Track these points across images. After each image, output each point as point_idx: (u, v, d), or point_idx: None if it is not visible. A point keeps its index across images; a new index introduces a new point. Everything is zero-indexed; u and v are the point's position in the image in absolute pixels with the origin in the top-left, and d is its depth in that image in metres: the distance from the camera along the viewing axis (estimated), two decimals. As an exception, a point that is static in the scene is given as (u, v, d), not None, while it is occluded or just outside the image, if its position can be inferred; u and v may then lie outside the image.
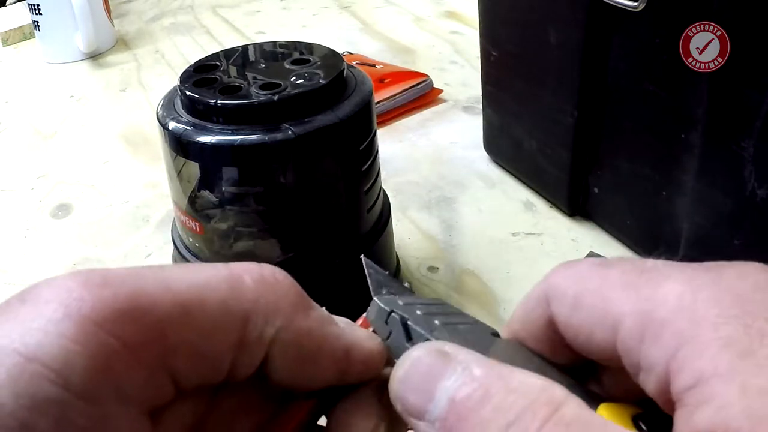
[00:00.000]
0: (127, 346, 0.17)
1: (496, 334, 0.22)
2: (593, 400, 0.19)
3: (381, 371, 0.21)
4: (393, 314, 0.21)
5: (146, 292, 0.18)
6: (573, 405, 0.16)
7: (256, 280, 0.20)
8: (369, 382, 0.21)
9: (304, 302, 0.20)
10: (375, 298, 0.21)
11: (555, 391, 0.16)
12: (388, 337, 0.21)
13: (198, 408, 0.20)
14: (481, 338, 0.21)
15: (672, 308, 0.17)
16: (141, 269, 0.19)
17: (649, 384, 0.17)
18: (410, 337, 0.20)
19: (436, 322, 0.20)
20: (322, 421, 0.22)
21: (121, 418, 0.17)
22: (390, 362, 0.21)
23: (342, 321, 0.22)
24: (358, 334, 0.21)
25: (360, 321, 0.23)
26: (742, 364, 0.15)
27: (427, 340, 0.19)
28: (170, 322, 0.18)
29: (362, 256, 0.24)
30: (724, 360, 0.15)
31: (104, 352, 0.17)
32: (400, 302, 0.21)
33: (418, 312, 0.21)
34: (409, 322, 0.20)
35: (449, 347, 0.18)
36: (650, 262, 0.19)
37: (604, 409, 0.18)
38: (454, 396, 0.17)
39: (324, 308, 0.21)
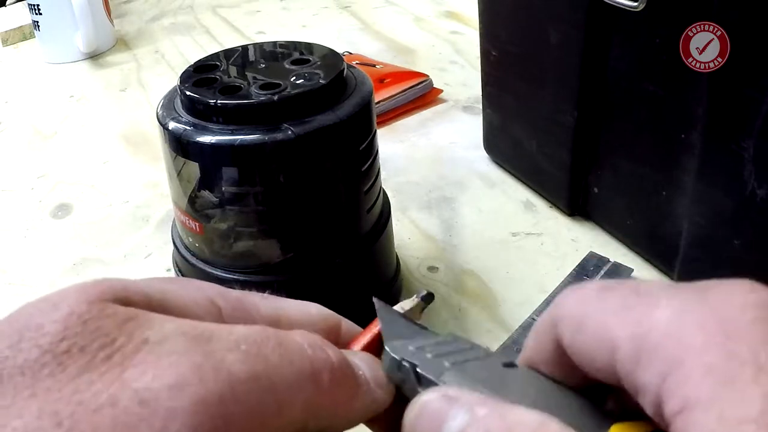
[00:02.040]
0: None
1: (509, 364, 0.22)
2: (605, 420, 0.19)
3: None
4: (404, 363, 0.21)
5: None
6: None
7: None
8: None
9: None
10: (386, 348, 0.22)
11: (551, 426, 0.17)
12: (403, 383, 0.21)
13: None
14: (492, 372, 0.21)
15: (662, 333, 0.17)
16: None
17: (647, 406, 0.18)
18: (421, 383, 0.21)
19: (446, 363, 0.21)
20: None
21: None
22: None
23: (362, 362, 0.22)
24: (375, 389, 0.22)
25: (368, 336, 0.24)
26: (722, 392, 0.16)
27: (437, 384, 0.20)
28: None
29: (374, 298, 0.24)
30: (706, 388, 0.16)
31: None
32: (411, 348, 0.22)
33: (429, 355, 0.21)
34: (418, 369, 0.21)
35: (454, 391, 0.19)
36: (646, 285, 0.19)
37: (616, 429, 0.19)
38: None
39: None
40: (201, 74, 0.41)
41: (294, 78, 0.40)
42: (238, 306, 0.21)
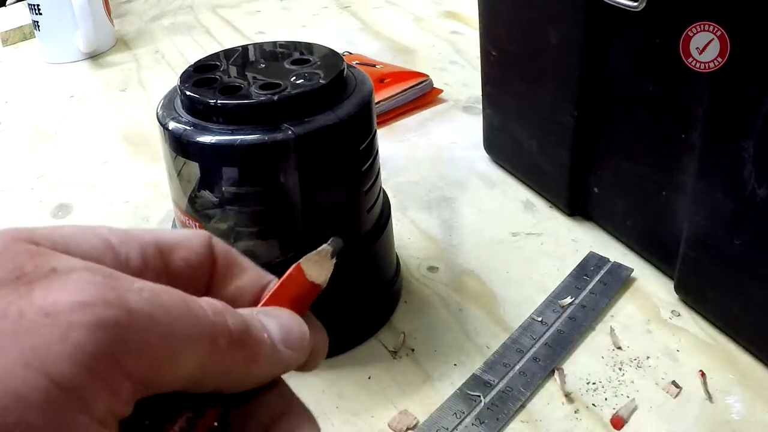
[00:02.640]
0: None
1: None
2: None
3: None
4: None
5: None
6: None
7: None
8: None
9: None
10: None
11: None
12: None
13: None
14: None
15: None
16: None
17: None
18: None
19: None
20: None
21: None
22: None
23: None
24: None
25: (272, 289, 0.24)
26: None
27: None
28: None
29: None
30: None
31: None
32: None
33: None
34: None
35: None
36: None
37: None
38: None
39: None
40: (201, 74, 0.41)
41: (294, 78, 0.40)
42: (124, 237, 0.22)
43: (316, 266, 0.24)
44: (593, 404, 0.40)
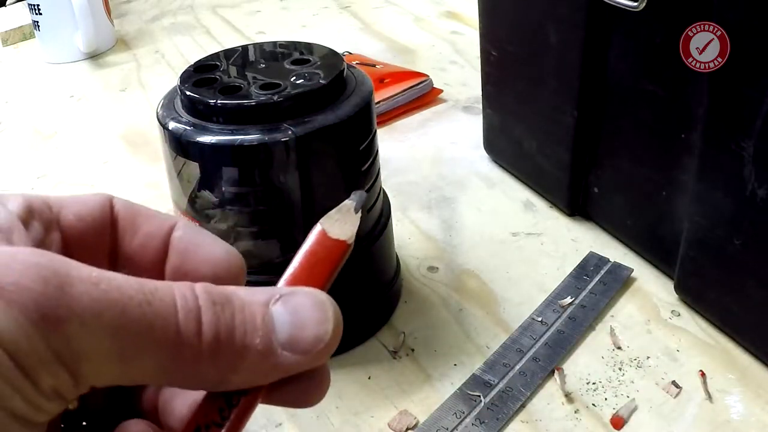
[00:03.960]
0: None
1: None
2: None
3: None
4: None
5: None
6: None
7: None
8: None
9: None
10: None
11: None
12: None
13: None
14: None
15: None
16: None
17: None
18: None
19: None
20: None
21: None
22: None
23: None
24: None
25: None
26: None
27: None
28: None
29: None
30: None
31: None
32: None
33: None
34: None
35: None
36: None
37: None
38: None
39: None
40: (201, 74, 0.41)
41: (294, 78, 0.40)
42: (9, 194, 0.21)
43: (339, 224, 0.22)
44: (593, 404, 0.40)
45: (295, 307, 0.20)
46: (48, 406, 0.17)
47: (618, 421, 0.39)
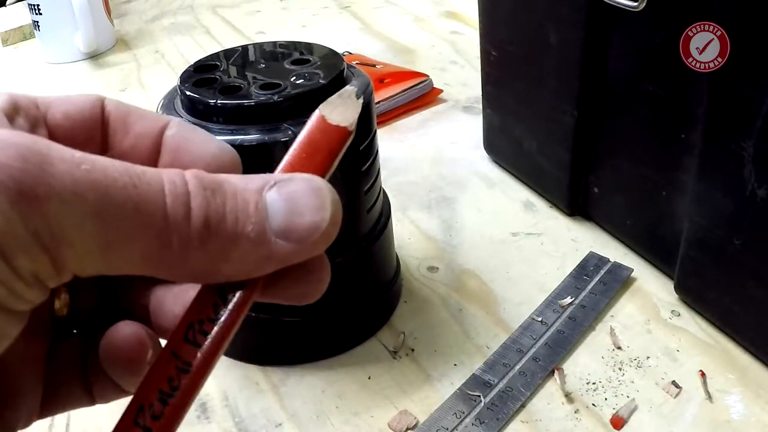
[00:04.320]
0: None
1: None
2: None
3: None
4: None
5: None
6: None
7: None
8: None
9: None
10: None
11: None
12: None
13: None
14: None
15: None
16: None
17: None
18: None
19: None
20: None
21: None
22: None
23: None
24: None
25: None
26: None
27: None
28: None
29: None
30: None
31: None
32: None
33: None
34: None
35: None
36: None
37: None
38: None
39: None
40: (201, 74, 0.41)
41: (294, 78, 0.40)
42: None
43: (340, 110, 0.21)
44: (593, 404, 0.40)
45: (290, 194, 0.19)
46: (28, 293, 0.16)
47: (618, 421, 0.39)
